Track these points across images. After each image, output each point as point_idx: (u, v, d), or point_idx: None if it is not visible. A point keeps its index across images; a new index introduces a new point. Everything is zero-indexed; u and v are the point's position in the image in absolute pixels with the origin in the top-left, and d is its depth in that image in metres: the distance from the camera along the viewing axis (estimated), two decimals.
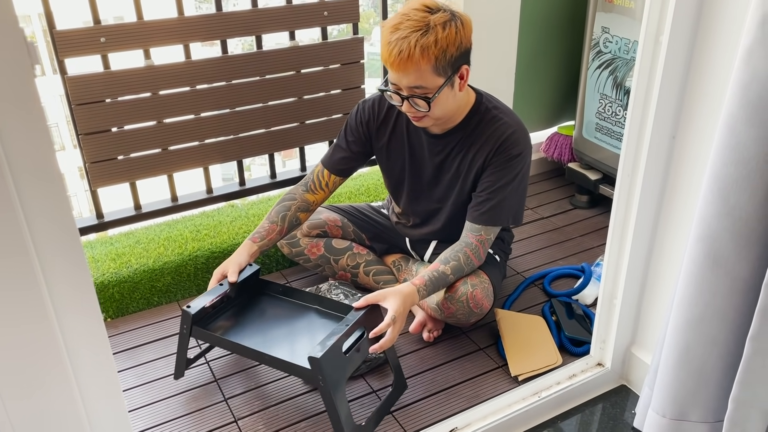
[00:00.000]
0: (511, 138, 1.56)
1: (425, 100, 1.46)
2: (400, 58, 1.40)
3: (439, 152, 1.65)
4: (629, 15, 2.01)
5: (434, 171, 1.68)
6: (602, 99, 2.17)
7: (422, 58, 1.40)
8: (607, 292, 1.50)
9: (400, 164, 1.73)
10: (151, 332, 1.79)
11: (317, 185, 1.73)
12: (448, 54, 1.42)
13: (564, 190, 2.50)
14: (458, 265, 1.56)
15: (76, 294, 0.93)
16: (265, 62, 1.93)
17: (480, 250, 1.60)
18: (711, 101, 1.22)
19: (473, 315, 1.62)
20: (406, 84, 1.45)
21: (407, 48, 1.39)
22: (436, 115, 1.52)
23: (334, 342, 1.32)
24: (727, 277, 1.11)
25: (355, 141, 1.71)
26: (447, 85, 1.46)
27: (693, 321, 1.16)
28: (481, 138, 1.58)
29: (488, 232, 1.60)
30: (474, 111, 1.60)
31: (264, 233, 1.66)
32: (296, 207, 1.71)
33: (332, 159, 1.74)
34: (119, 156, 1.83)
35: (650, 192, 1.35)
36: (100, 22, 1.69)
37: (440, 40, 1.40)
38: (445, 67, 1.44)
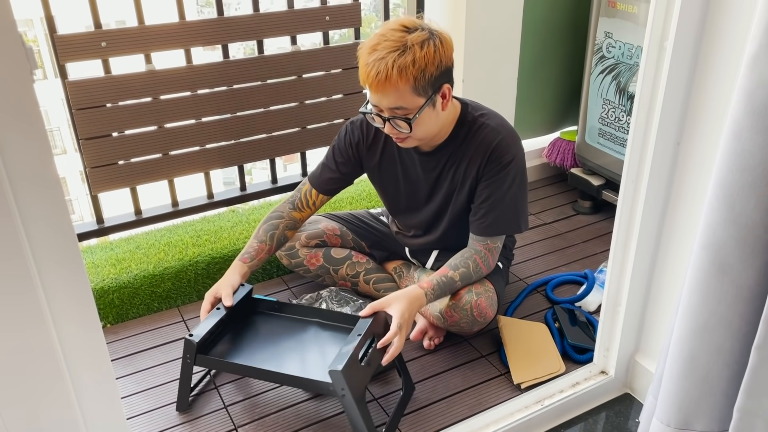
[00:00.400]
0: (501, 144, 1.53)
1: (406, 121, 1.43)
2: (378, 80, 1.37)
3: (432, 168, 1.63)
4: (632, 20, 2.00)
5: (430, 187, 1.67)
6: (605, 104, 2.16)
7: (400, 79, 1.37)
8: (610, 299, 1.49)
9: (393, 183, 1.71)
10: (151, 338, 1.78)
11: (304, 203, 1.73)
12: (427, 74, 1.39)
13: (566, 195, 2.49)
14: (467, 272, 1.56)
15: (75, 302, 0.92)
16: (266, 67, 1.93)
17: (489, 257, 1.59)
18: (716, 107, 1.21)
19: (476, 324, 1.61)
20: (386, 105, 1.43)
21: (384, 69, 1.36)
22: (419, 136, 1.50)
23: (352, 353, 1.31)
24: (732, 285, 1.10)
25: (345, 162, 1.70)
26: (428, 105, 1.44)
27: (698, 329, 1.15)
28: (471, 148, 1.56)
29: (494, 241, 1.60)
30: (461, 122, 1.58)
31: (254, 253, 1.64)
32: (284, 225, 1.71)
33: (320, 179, 1.72)
34: (120, 161, 1.82)
35: (654, 199, 1.34)
36: (101, 27, 1.69)
37: (418, 60, 1.37)
38: (425, 87, 1.41)
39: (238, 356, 1.48)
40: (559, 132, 2.55)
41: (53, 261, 0.85)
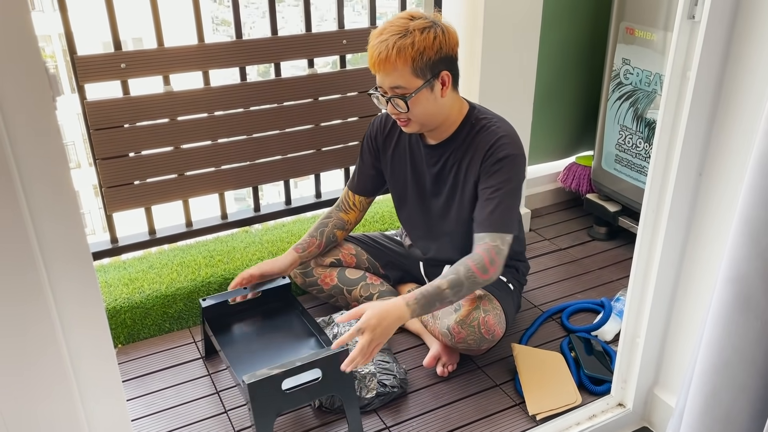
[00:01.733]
0: (498, 143, 1.57)
1: (403, 100, 1.51)
2: (380, 59, 1.49)
3: (435, 163, 1.67)
4: (651, 47, 2.00)
5: (432, 182, 1.70)
6: (622, 130, 2.15)
7: (398, 59, 1.47)
8: (629, 330, 1.46)
9: (403, 176, 1.76)
10: (162, 360, 1.76)
11: (346, 205, 1.84)
12: (425, 56, 1.48)
13: (582, 221, 2.47)
14: (456, 278, 1.47)
15: (89, 329, 0.91)
16: (283, 89, 1.93)
17: (485, 260, 1.49)
18: (739, 138, 1.19)
19: (485, 341, 1.59)
20: (387, 85, 1.52)
21: (385, 49, 1.47)
22: (418, 118, 1.56)
23: (273, 375, 1.36)
24: (757, 321, 1.07)
25: (369, 155, 1.79)
26: (426, 87, 1.51)
27: (720, 365, 1.13)
28: (472, 147, 1.61)
29: (494, 239, 1.52)
30: (465, 122, 1.63)
31: (305, 245, 1.78)
32: (333, 224, 1.83)
33: (353, 180, 1.84)
34: (135, 181, 1.82)
35: (676, 229, 1.32)
36: (120, 48, 1.70)
37: (417, 43, 1.47)
38: (423, 69, 1.49)
39: (227, 339, 1.64)
40: (575, 157, 2.54)
41: (69, 289, 0.85)
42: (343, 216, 1.83)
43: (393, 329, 1.42)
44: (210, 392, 1.64)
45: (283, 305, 1.73)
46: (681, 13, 1.18)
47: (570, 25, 2.34)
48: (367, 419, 1.54)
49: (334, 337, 1.70)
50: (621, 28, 2.08)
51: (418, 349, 1.78)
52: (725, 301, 1.09)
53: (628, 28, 2.06)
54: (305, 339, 1.63)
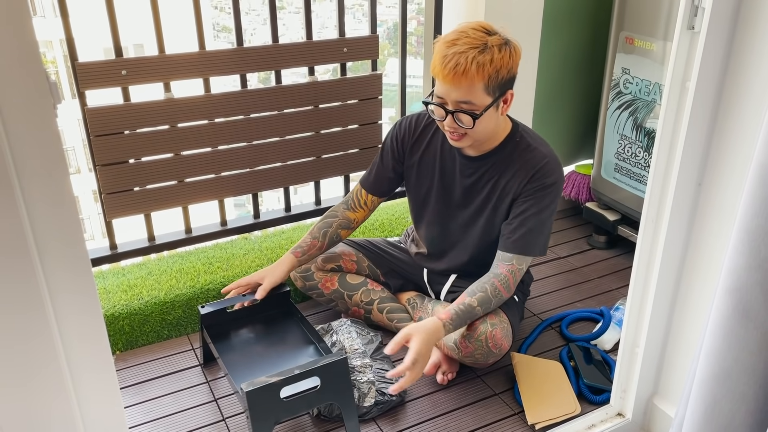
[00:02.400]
0: (546, 167, 1.56)
1: (472, 117, 1.47)
2: (455, 72, 1.42)
3: (470, 174, 1.65)
4: (650, 57, 2.00)
5: (463, 193, 1.68)
6: (622, 139, 2.15)
7: (477, 74, 1.42)
8: (628, 339, 1.46)
9: (428, 183, 1.73)
10: (160, 367, 1.76)
11: (356, 203, 1.79)
12: (500, 75, 1.45)
13: (581, 229, 2.47)
14: (485, 296, 1.53)
15: (87, 337, 0.91)
16: (283, 97, 1.94)
17: (510, 280, 1.56)
18: (739, 148, 1.20)
19: (492, 355, 1.58)
20: (455, 98, 1.47)
21: (464, 62, 1.41)
22: (477, 135, 1.53)
23: (271, 383, 1.35)
24: (756, 332, 1.07)
25: (391, 157, 1.75)
26: (493, 105, 1.49)
27: (720, 375, 1.12)
28: (515, 165, 1.59)
29: (520, 262, 1.57)
30: (509, 138, 1.61)
31: (306, 248, 1.75)
32: (337, 224, 1.78)
33: (368, 178, 1.80)
34: (135, 187, 1.82)
35: (675, 239, 1.32)
36: (122, 54, 1.70)
37: (495, 61, 1.43)
38: (494, 88, 1.46)
39: (226, 345, 1.63)
40: (574, 165, 2.54)
41: (68, 299, 0.84)
42: (349, 215, 1.79)
43: (432, 341, 1.46)
44: (208, 400, 1.64)
45: (282, 313, 1.73)
46: (681, 24, 1.19)
47: (570, 35, 2.35)
48: (366, 428, 1.54)
49: (332, 344, 1.70)
50: (621, 37, 2.09)
51: None
52: (725, 311, 1.08)
53: (627, 37, 2.06)
54: (304, 347, 1.63)
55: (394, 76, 2.33)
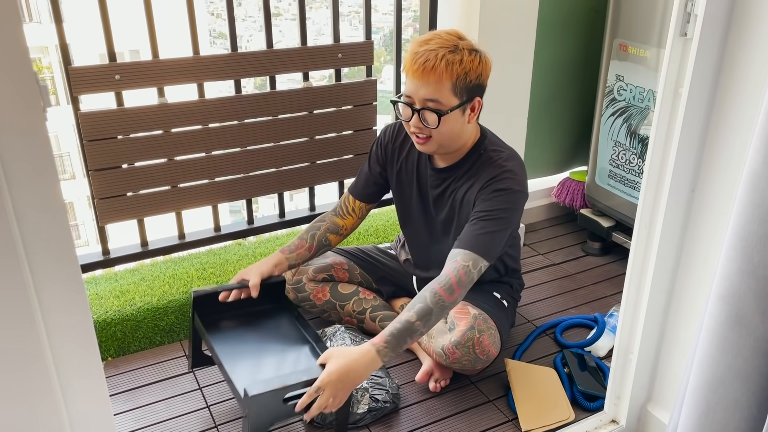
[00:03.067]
0: (501, 176, 1.54)
1: (437, 114, 1.47)
2: (425, 67, 1.44)
3: (437, 186, 1.66)
4: (644, 64, 2.01)
5: (433, 204, 1.69)
6: (616, 146, 2.15)
7: (445, 71, 1.44)
8: (622, 346, 1.45)
9: (408, 192, 1.74)
10: (152, 373, 1.75)
11: (344, 210, 1.79)
12: (468, 78, 1.47)
13: (575, 236, 2.47)
14: (424, 307, 1.41)
15: (77, 343, 0.90)
16: (277, 102, 1.93)
17: (452, 280, 1.45)
18: (732, 155, 1.20)
19: (479, 362, 1.58)
20: (422, 95, 1.48)
21: (433, 59, 1.44)
22: (441, 138, 1.52)
23: (276, 389, 1.31)
24: (750, 338, 1.07)
25: (377, 163, 1.76)
26: (459, 108, 1.49)
27: (714, 382, 1.12)
28: (474, 176, 1.58)
29: (465, 259, 1.48)
30: (475, 149, 1.61)
31: (293, 247, 1.72)
32: (325, 228, 1.77)
33: (356, 184, 1.80)
34: (128, 192, 1.81)
35: (668, 245, 1.32)
36: (115, 59, 1.70)
37: (465, 62, 1.46)
38: (462, 90, 1.48)
39: (219, 337, 1.57)
40: (569, 172, 2.54)
41: (58, 305, 0.84)
42: (338, 221, 1.78)
43: (362, 379, 1.36)
44: (200, 406, 1.62)
45: (276, 305, 1.68)
46: (673, 31, 1.19)
47: (564, 42, 2.36)
48: None
49: None
50: (614, 44, 2.09)
51: (411, 364, 1.76)
52: (718, 318, 1.08)
53: (621, 44, 2.07)
54: (300, 343, 1.58)
55: (389, 83, 2.33)
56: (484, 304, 1.66)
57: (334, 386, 1.32)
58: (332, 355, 1.36)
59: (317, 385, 1.32)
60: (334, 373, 1.33)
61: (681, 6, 1.17)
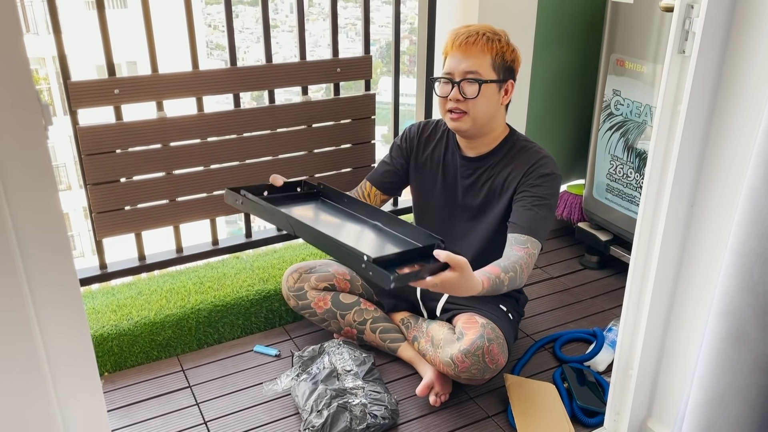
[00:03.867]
0: (542, 161, 1.64)
1: (477, 83, 1.58)
2: (468, 41, 1.58)
3: (469, 175, 1.73)
4: (641, 79, 2.02)
5: (463, 194, 1.75)
6: (613, 160, 2.16)
7: (486, 45, 1.58)
8: (622, 361, 1.45)
9: (431, 185, 1.81)
10: (149, 389, 1.73)
11: (361, 194, 1.88)
12: (506, 58, 1.61)
13: (573, 249, 2.47)
14: (514, 277, 1.50)
15: (75, 359, 0.89)
16: (276, 116, 1.94)
17: (530, 263, 1.55)
18: (730, 171, 1.20)
19: (488, 371, 1.57)
20: (463, 68, 1.59)
21: (475, 35, 1.58)
22: (477, 112, 1.61)
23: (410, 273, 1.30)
24: (750, 355, 1.06)
25: (399, 155, 1.84)
26: (497, 84, 1.61)
27: (715, 399, 1.12)
28: (512, 163, 1.67)
29: (534, 246, 1.57)
30: (506, 141, 1.70)
31: None
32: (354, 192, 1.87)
33: (376, 172, 1.88)
34: (126, 206, 1.81)
35: (667, 261, 1.32)
36: (114, 73, 1.70)
37: (503, 42, 1.61)
38: (499, 68, 1.61)
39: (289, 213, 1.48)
40: (566, 185, 2.55)
41: (56, 320, 0.83)
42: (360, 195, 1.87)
43: (462, 293, 1.39)
44: (198, 422, 1.61)
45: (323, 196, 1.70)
46: (671, 48, 1.20)
47: (561, 56, 2.37)
48: None
49: (323, 367, 1.67)
50: (611, 59, 2.11)
51: (410, 379, 1.76)
52: (718, 335, 1.08)
53: (618, 59, 2.08)
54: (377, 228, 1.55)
55: (386, 94, 2.34)
56: (491, 314, 1.66)
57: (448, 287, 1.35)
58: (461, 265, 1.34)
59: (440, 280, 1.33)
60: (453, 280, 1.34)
61: (679, 24, 1.18)
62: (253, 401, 1.67)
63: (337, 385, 1.59)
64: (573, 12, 2.32)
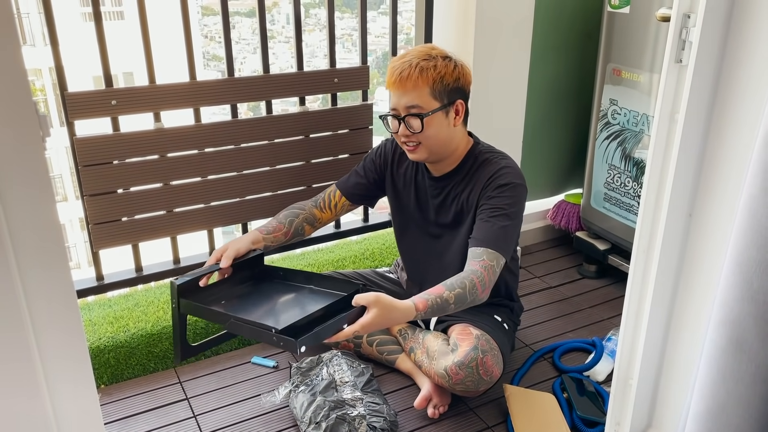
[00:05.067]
0: (500, 172, 1.61)
1: (419, 118, 1.55)
2: (401, 77, 1.54)
3: (437, 194, 1.71)
4: (637, 88, 2.03)
5: (435, 214, 1.73)
6: (611, 169, 2.16)
7: (420, 77, 1.53)
8: (622, 372, 1.44)
9: (407, 206, 1.79)
10: (146, 401, 1.72)
11: (326, 203, 1.83)
12: (445, 82, 1.55)
13: (571, 258, 2.47)
14: (462, 294, 1.49)
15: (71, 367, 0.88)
16: (274, 127, 1.94)
17: (485, 278, 1.52)
18: (729, 180, 1.20)
19: (483, 383, 1.56)
20: (404, 104, 1.57)
21: (408, 68, 1.54)
22: (429, 142, 1.59)
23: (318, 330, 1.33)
24: (750, 364, 1.06)
25: (373, 170, 1.82)
26: (441, 110, 1.57)
27: (715, 408, 1.11)
28: (474, 179, 1.64)
29: (490, 257, 1.54)
30: (469, 155, 1.68)
31: (271, 229, 1.74)
32: (303, 217, 1.80)
33: (347, 182, 1.84)
34: (123, 217, 1.80)
35: (667, 270, 1.32)
36: (111, 84, 1.70)
37: (439, 67, 1.55)
38: (441, 93, 1.56)
39: (217, 307, 1.54)
40: (564, 194, 2.55)
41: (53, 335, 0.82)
42: (316, 212, 1.81)
43: (393, 323, 1.42)
44: (192, 428, 1.60)
45: (261, 275, 1.68)
46: (668, 57, 1.20)
47: (558, 66, 2.38)
48: None
49: (322, 378, 1.66)
50: (608, 69, 2.11)
51: (409, 390, 1.75)
52: (718, 344, 1.08)
53: (615, 69, 2.09)
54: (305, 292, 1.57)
55: (383, 104, 2.34)
56: (486, 325, 1.66)
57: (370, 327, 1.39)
58: (378, 302, 1.39)
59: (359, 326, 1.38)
60: (375, 319, 1.38)
61: (676, 33, 1.19)
62: (251, 413, 1.66)
63: (336, 396, 1.58)
64: (569, 21, 2.34)
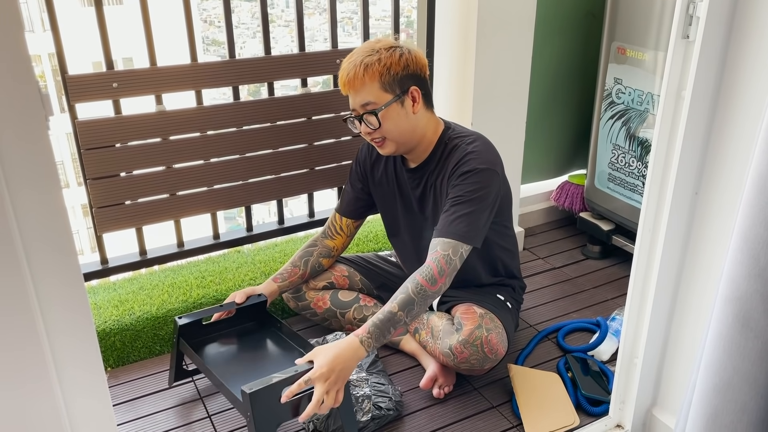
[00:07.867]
0: (464, 158, 1.56)
1: (374, 115, 1.54)
2: (348, 78, 1.54)
3: (417, 186, 1.69)
4: (642, 67, 2.01)
5: (418, 204, 1.71)
6: (615, 149, 2.15)
7: (366, 74, 1.52)
8: (626, 350, 1.45)
9: (392, 202, 1.77)
10: (153, 383, 1.73)
11: (334, 231, 1.82)
12: (392, 72, 1.53)
13: (575, 239, 2.46)
14: (406, 297, 1.44)
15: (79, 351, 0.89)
16: (276, 109, 1.92)
17: (434, 270, 1.47)
18: (735, 157, 1.19)
19: (488, 361, 1.57)
20: (358, 103, 1.56)
21: (354, 68, 1.53)
22: (392, 135, 1.57)
23: (273, 383, 1.31)
24: (757, 341, 1.06)
25: (358, 180, 1.80)
26: (395, 101, 1.55)
27: (721, 386, 1.11)
28: (445, 166, 1.62)
29: (445, 248, 1.50)
30: (440, 141, 1.64)
31: (286, 275, 1.76)
32: (318, 253, 1.81)
33: (342, 203, 1.83)
34: (127, 201, 1.80)
35: (672, 249, 1.31)
36: (113, 67, 1.69)
37: (383, 60, 1.53)
38: (392, 84, 1.54)
39: (208, 354, 1.62)
40: (567, 175, 2.54)
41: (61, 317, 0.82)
42: (328, 243, 1.82)
43: (350, 371, 1.36)
44: (202, 416, 1.61)
45: (259, 323, 1.71)
46: (675, 33, 1.19)
47: (562, 45, 2.36)
48: None
49: None
50: (612, 48, 2.10)
51: (414, 371, 1.75)
52: (725, 321, 1.08)
53: (619, 48, 2.07)
54: (289, 353, 1.59)
55: None
56: (489, 304, 1.66)
57: (324, 378, 1.33)
58: (318, 352, 1.38)
59: (306, 377, 1.33)
60: (323, 366, 1.34)
61: (683, 8, 1.17)
62: None
63: None
64: (573, 0, 2.31)
